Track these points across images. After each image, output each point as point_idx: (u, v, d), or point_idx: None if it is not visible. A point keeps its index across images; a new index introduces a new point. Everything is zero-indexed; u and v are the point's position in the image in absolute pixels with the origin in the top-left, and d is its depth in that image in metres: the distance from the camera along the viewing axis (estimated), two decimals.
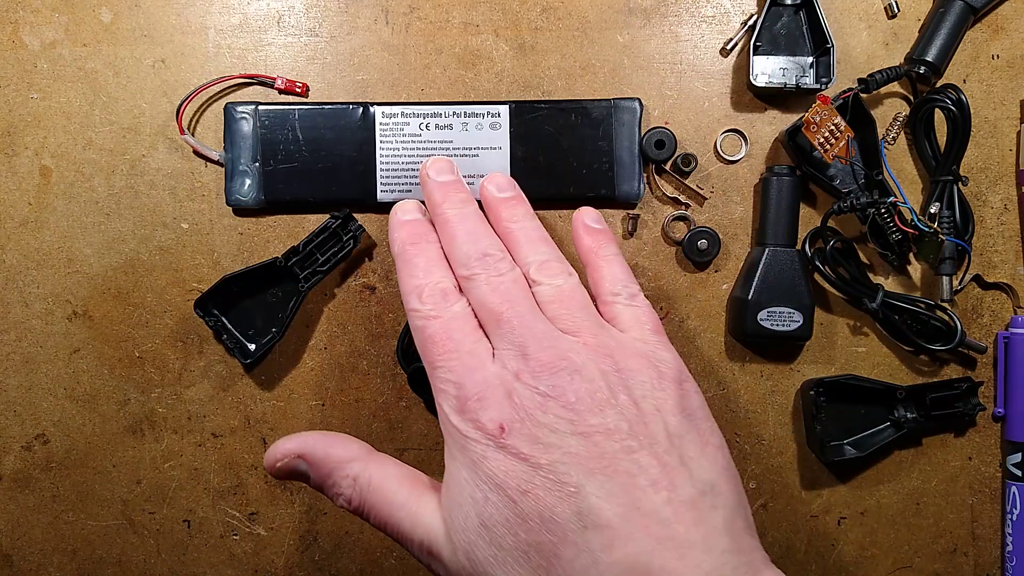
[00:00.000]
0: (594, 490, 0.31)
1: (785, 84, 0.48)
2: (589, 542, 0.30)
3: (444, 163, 0.43)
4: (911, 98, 0.49)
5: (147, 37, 0.49)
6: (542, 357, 0.34)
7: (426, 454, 0.50)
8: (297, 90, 0.49)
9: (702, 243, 0.48)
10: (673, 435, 0.33)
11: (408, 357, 0.48)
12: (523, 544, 0.31)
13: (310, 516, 0.50)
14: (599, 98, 0.49)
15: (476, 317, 0.37)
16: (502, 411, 0.32)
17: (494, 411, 0.33)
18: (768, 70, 0.48)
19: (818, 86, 0.47)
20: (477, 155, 0.48)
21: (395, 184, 0.48)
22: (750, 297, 0.47)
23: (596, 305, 0.39)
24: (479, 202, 0.43)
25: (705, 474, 0.33)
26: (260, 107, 0.48)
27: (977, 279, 0.50)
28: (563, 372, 0.33)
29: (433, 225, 0.41)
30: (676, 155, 0.49)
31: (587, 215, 0.43)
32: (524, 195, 0.43)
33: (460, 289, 0.38)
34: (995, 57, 0.49)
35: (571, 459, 0.31)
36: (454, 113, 0.48)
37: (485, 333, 0.37)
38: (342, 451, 0.37)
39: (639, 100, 0.48)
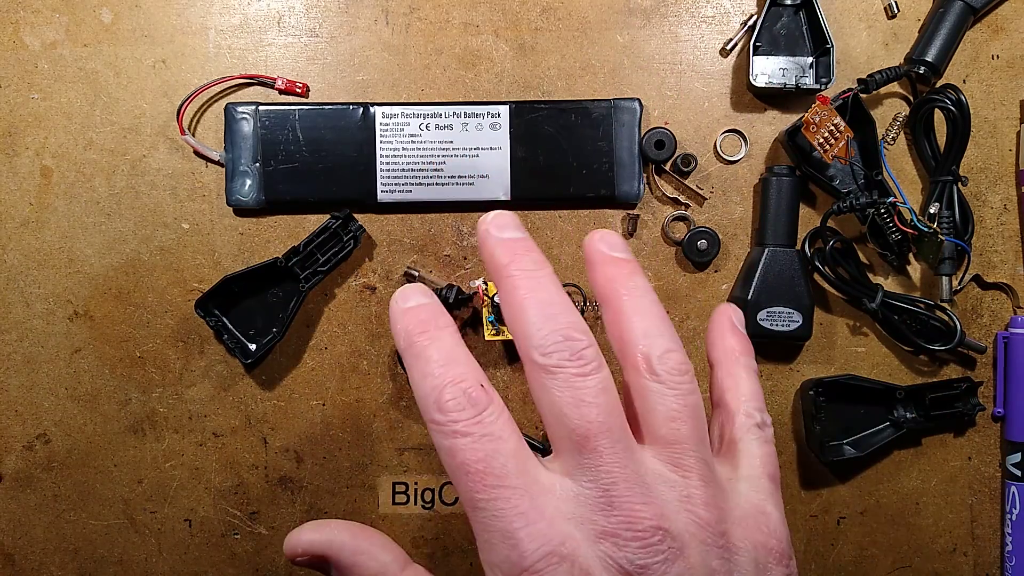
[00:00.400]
0: None
1: (785, 84, 0.48)
2: None
3: (508, 218, 0.31)
4: (911, 98, 0.49)
5: (148, 37, 0.49)
6: (636, 516, 0.25)
7: (426, 453, 0.50)
8: (297, 90, 0.49)
9: (702, 243, 0.49)
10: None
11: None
12: None
13: (311, 515, 0.50)
14: (599, 98, 0.49)
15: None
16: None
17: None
18: (768, 70, 0.48)
19: (818, 86, 0.47)
20: (477, 155, 0.48)
21: (395, 184, 0.48)
22: (750, 297, 0.47)
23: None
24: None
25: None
26: (260, 107, 0.48)
27: (977, 279, 0.50)
28: (658, 550, 0.24)
29: (444, 308, 0.30)
30: (676, 155, 0.49)
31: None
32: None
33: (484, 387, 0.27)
34: (995, 57, 0.49)
35: None
36: (454, 113, 0.48)
37: (539, 444, 0.29)
38: (373, 564, 0.30)
39: (639, 100, 0.49)
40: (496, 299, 0.46)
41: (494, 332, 0.47)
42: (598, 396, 0.26)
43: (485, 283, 0.47)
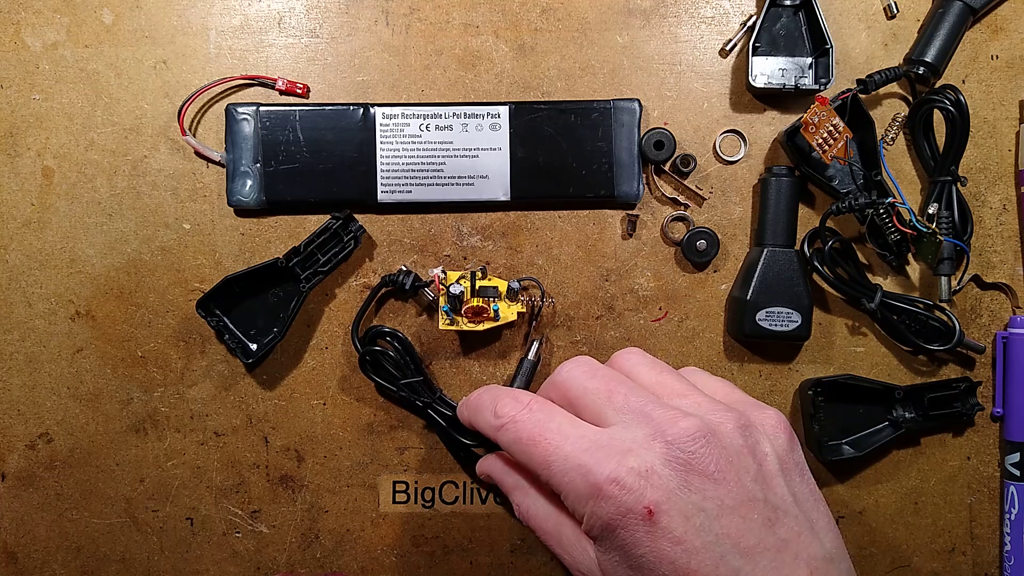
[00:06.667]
0: (750, 571, 0.29)
1: (784, 85, 0.48)
2: None
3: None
4: (910, 99, 0.49)
5: (148, 38, 0.49)
6: (673, 420, 0.31)
7: (426, 453, 0.50)
8: (298, 91, 0.49)
9: (701, 243, 0.49)
10: (799, 498, 0.32)
11: (363, 340, 0.49)
12: None
13: (312, 514, 0.50)
14: (598, 99, 0.49)
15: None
16: (645, 492, 0.29)
17: (636, 493, 0.29)
18: (767, 71, 0.48)
19: (817, 87, 0.47)
20: (477, 156, 0.48)
21: (395, 185, 0.49)
22: (749, 297, 0.47)
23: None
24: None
25: (830, 539, 0.32)
26: (261, 108, 0.48)
27: (976, 279, 0.50)
28: (699, 437, 0.31)
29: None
30: (675, 156, 0.49)
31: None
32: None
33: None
34: (994, 57, 0.49)
35: (725, 540, 0.29)
36: (454, 114, 0.48)
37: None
38: (509, 480, 0.39)
39: (638, 101, 0.49)
40: (452, 289, 0.46)
41: (448, 322, 0.47)
42: (606, 370, 0.36)
43: (444, 272, 0.48)
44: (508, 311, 0.47)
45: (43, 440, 0.50)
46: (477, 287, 0.47)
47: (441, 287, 0.47)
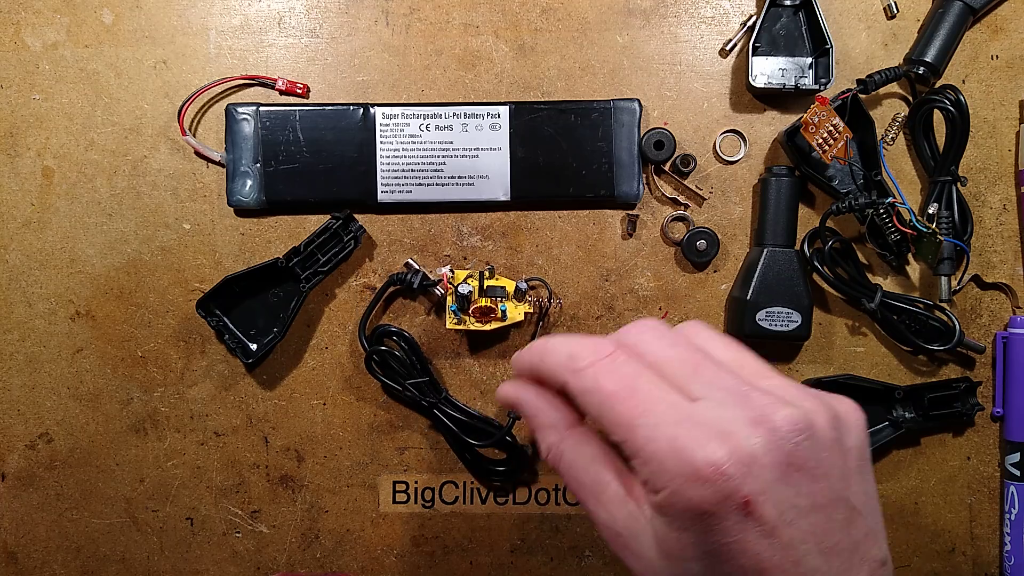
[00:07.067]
0: (825, 571, 0.28)
1: (784, 85, 0.48)
2: None
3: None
4: (910, 99, 0.49)
5: (148, 38, 0.49)
6: (775, 407, 0.29)
7: (426, 452, 0.50)
8: (298, 91, 0.49)
9: (701, 243, 0.49)
10: (868, 496, 0.31)
11: (370, 340, 0.49)
12: None
13: (312, 514, 0.50)
14: (598, 99, 0.49)
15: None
16: (745, 481, 0.28)
17: (737, 481, 0.28)
18: (767, 71, 0.48)
19: (817, 87, 0.47)
20: (477, 156, 0.48)
21: (395, 185, 0.49)
22: (749, 297, 0.47)
23: None
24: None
25: (885, 540, 0.31)
26: (261, 108, 0.48)
27: (976, 279, 0.50)
28: (804, 428, 0.29)
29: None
30: (675, 156, 0.49)
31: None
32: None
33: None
34: (994, 57, 0.49)
35: (809, 538, 0.28)
36: (454, 114, 0.48)
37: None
38: (544, 416, 0.34)
39: (638, 101, 0.49)
40: (460, 288, 0.46)
41: (456, 321, 0.48)
42: (686, 344, 0.32)
43: (451, 271, 0.48)
44: (515, 311, 0.48)
45: (43, 440, 0.50)
46: (485, 287, 0.47)
47: (449, 286, 0.47)
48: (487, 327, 0.47)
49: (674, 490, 0.28)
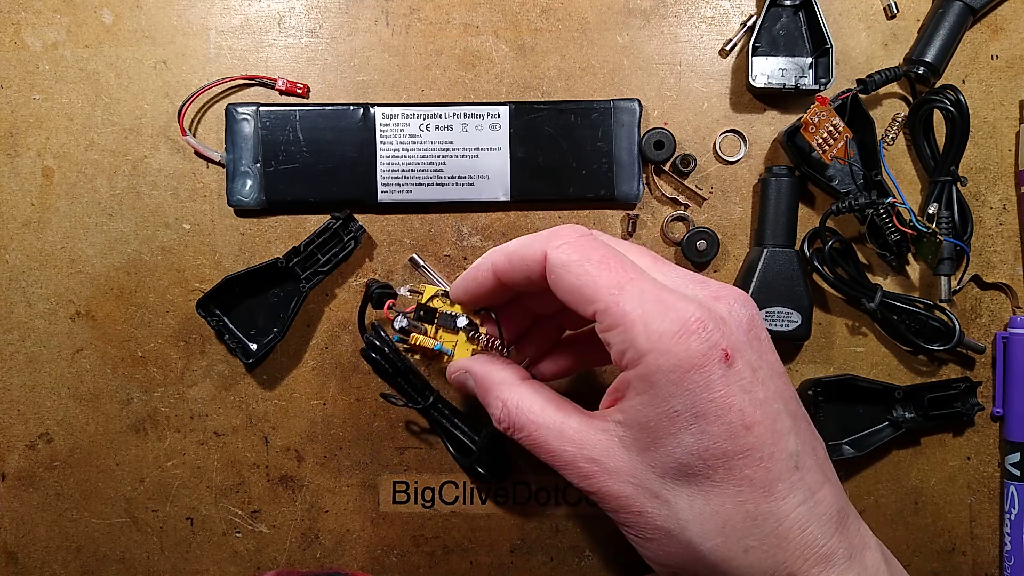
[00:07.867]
0: (798, 431, 0.31)
1: (784, 85, 0.48)
2: (801, 481, 0.30)
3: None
4: (910, 99, 0.49)
5: (148, 38, 0.49)
6: (724, 287, 0.33)
7: (426, 452, 0.50)
8: (298, 91, 0.49)
9: (701, 243, 0.49)
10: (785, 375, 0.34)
11: (364, 341, 0.48)
12: (738, 479, 0.30)
13: (312, 514, 0.50)
14: (598, 99, 0.49)
15: None
16: (724, 335, 0.30)
17: (718, 334, 0.30)
18: (767, 71, 0.48)
19: (817, 87, 0.47)
20: (477, 156, 0.48)
21: (395, 185, 0.49)
22: None
23: None
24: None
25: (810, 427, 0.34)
26: (261, 108, 0.48)
27: (976, 279, 0.50)
28: (752, 306, 0.32)
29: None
30: (675, 156, 0.49)
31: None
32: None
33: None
34: (994, 57, 0.49)
35: (778, 398, 0.31)
36: (454, 114, 0.48)
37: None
38: (496, 375, 0.37)
39: (638, 101, 0.49)
40: (396, 323, 0.41)
41: (406, 348, 0.42)
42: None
43: (409, 292, 0.42)
44: (462, 350, 0.40)
45: (43, 440, 0.51)
46: (436, 314, 0.40)
47: (390, 314, 0.41)
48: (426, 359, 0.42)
49: (662, 349, 0.30)
